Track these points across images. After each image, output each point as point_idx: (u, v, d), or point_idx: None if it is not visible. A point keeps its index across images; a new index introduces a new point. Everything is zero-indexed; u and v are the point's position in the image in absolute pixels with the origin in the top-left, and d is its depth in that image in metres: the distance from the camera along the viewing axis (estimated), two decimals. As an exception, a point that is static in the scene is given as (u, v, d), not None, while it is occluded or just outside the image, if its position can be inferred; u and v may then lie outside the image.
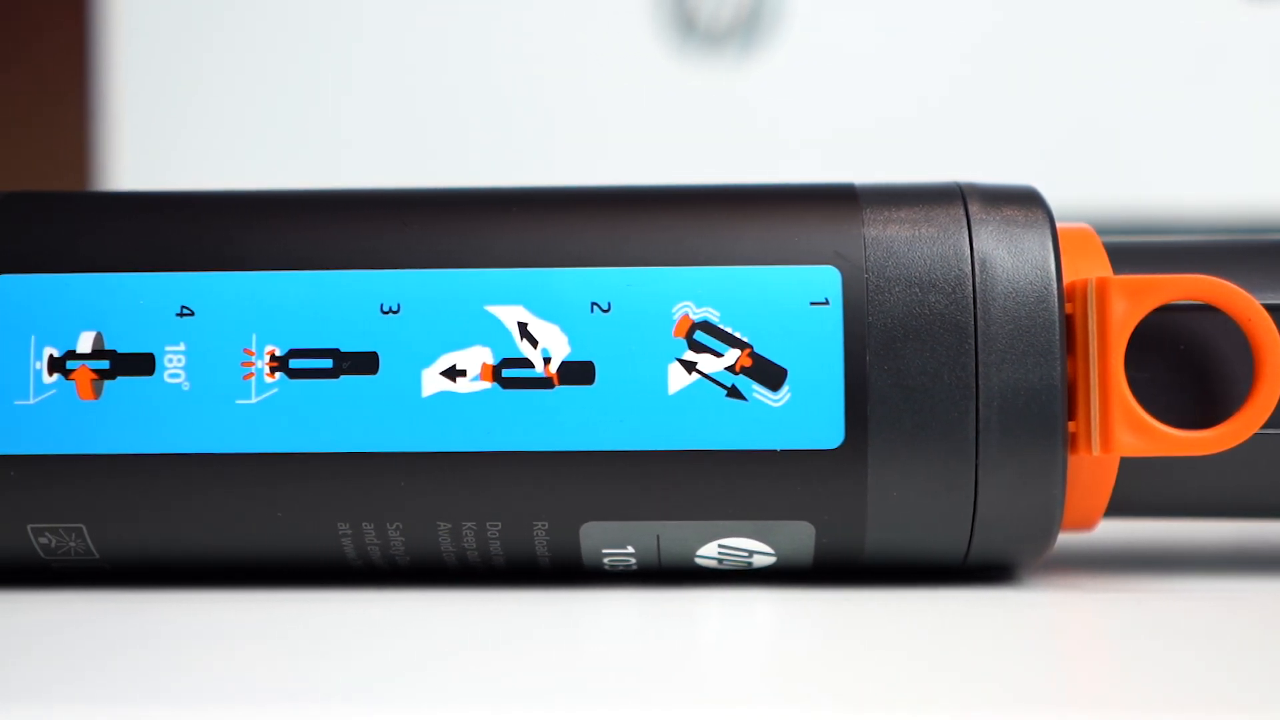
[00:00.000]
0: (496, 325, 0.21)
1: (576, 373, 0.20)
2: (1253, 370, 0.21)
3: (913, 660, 0.17)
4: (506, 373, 0.20)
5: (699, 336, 0.20)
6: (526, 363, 0.20)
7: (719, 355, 0.20)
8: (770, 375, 0.20)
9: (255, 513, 0.21)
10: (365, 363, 0.21)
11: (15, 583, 0.22)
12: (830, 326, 0.20)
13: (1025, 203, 0.21)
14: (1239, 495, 0.23)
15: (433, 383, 0.21)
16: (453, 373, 0.21)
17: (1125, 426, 0.20)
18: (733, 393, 0.20)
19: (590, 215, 0.21)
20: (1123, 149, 0.53)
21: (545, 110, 0.54)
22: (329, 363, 0.21)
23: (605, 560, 0.22)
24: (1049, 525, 0.21)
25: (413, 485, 0.21)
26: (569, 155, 0.54)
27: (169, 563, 0.22)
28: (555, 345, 0.21)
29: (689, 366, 0.20)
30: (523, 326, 0.21)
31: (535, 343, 0.21)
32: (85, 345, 0.21)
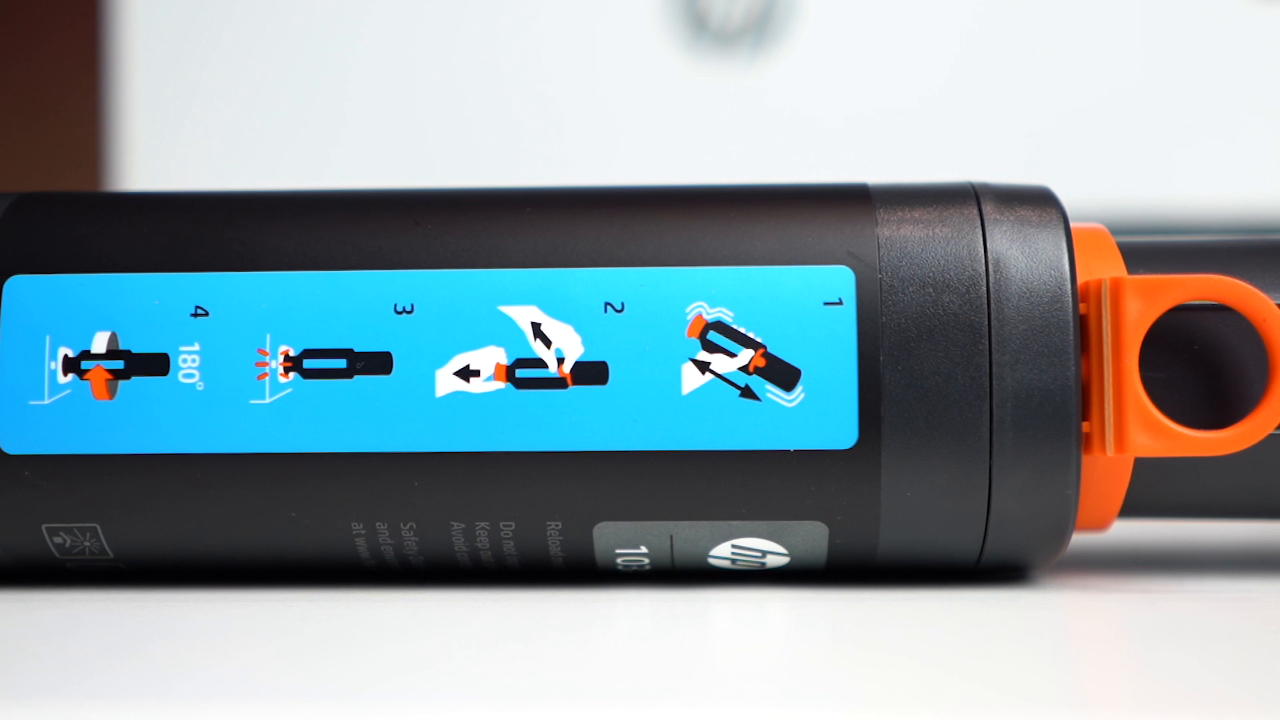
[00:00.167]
0: (510, 325, 0.21)
1: (590, 373, 0.20)
2: (1268, 370, 0.21)
3: (926, 662, 0.17)
4: (520, 373, 0.21)
5: (712, 337, 0.20)
6: (540, 363, 0.21)
7: (732, 355, 0.20)
8: (784, 375, 0.20)
9: (269, 512, 0.21)
10: (379, 363, 0.21)
11: (31, 582, 0.22)
12: (844, 327, 0.20)
13: (1039, 203, 0.21)
14: (1254, 495, 0.22)
15: (446, 383, 0.21)
16: (466, 373, 0.21)
17: (1140, 427, 0.20)
18: (746, 393, 0.20)
19: (604, 215, 0.21)
20: (1137, 148, 0.53)
21: (557, 110, 0.54)
22: (343, 363, 0.21)
23: (618, 560, 0.22)
24: (1063, 526, 0.21)
25: (426, 485, 0.21)
26: (580, 155, 0.54)
27: (183, 562, 0.22)
28: (569, 345, 0.21)
29: (702, 367, 0.20)
30: (536, 327, 0.21)
31: (549, 343, 0.21)
32: (100, 345, 0.21)
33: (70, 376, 0.21)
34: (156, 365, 0.21)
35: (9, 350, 0.21)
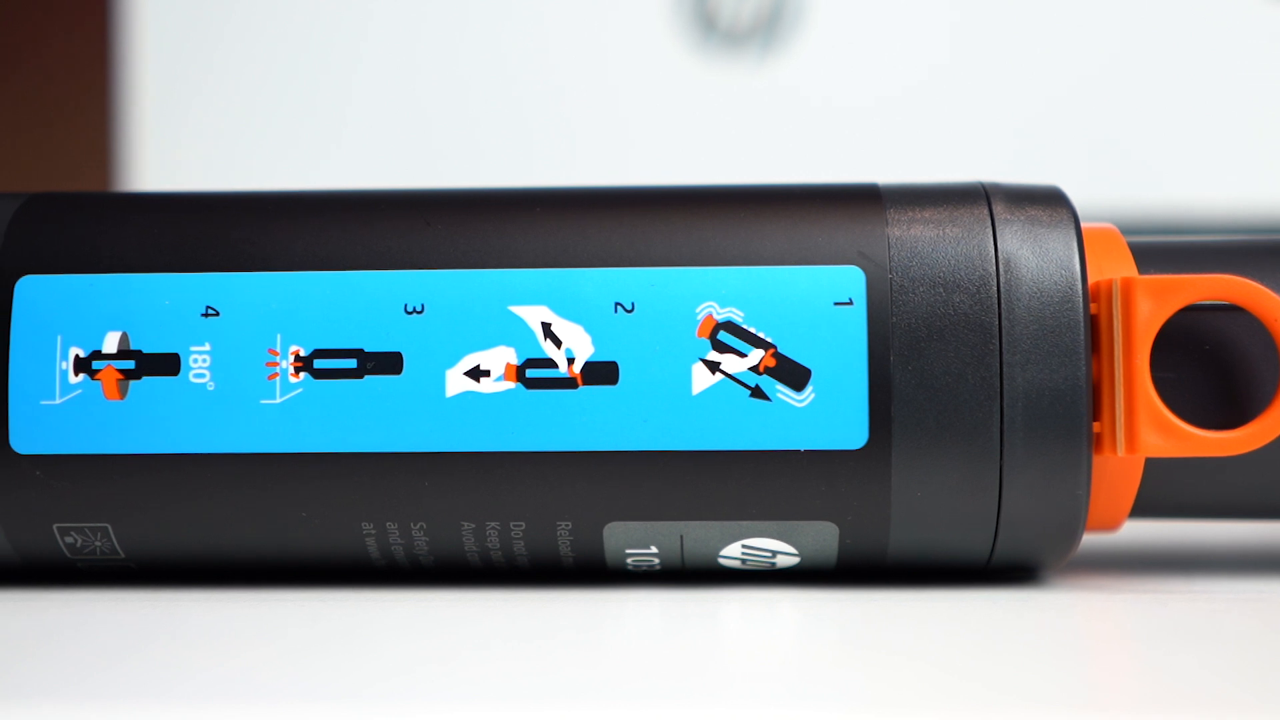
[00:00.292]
0: (520, 325, 0.21)
1: (600, 373, 0.20)
2: (1279, 370, 0.21)
3: (936, 662, 0.17)
4: (530, 373, 0.21)
5: (723, 336, 0.20)
6: (550, 363, 0.21)
7: (743, 355, 0.20)
8: (794, 375, 0.20)
9: (279, 512, 0.21)
10: (389, 363, 0.21)
11: (41, 582, 0.22)
12: (854, 327, 0.20)
13: (1049, 202, 0.21)
14: (1265, 496, 0.22)
15: (457, 383, 0.21)
16: (476, 373, 0.21)
17: (1150, 427, 0.20)
18: (756, 393, 0.20)
19: (614, 215, 0.21)
20: (1147, 148, 0.52)
21: (567, 111, 0.54)
22: (353, 363, 0.21)
23: (628, 560, 0.22)
24: (1074, 526, 0.21)
25: (436, 485, 0.21)
26: (590, 156, 0.54)
27: (193, 562, 0.22)
28: (579, 345, 0.21)
29: (713, 367, 0.20)
30: (546, 327, 0.21)
31: (559, 343, 0.21)
32: (111, 345, 0.21)
33: (81, 376, 0.21)
34: (167, 365, 0.21)
35: (20, 350, 0.21)
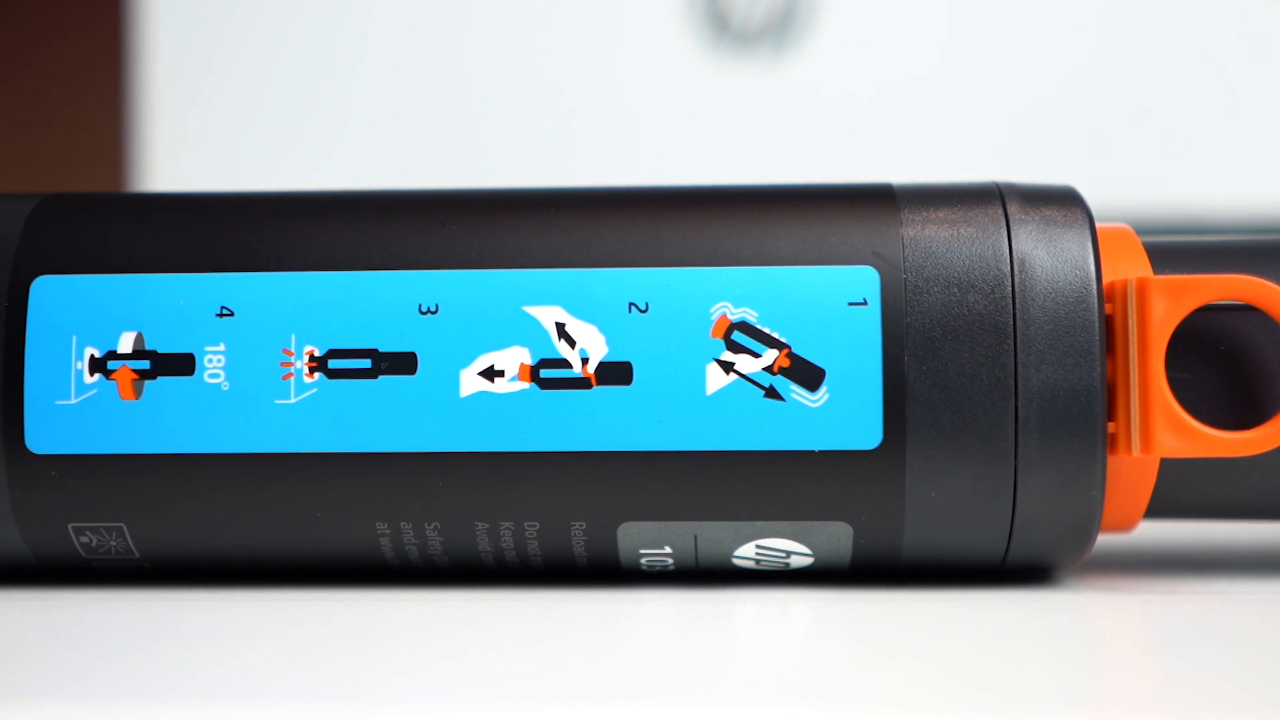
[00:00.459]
0: (534, 326, 0.21)
1: (614, 373, 0.20)
2: (1294, 371, 0.21)
3: (950, 663, 0.17)
4: (544, 373, 0.21)
5: (737, 337, 0.20)
6: (564, 363, 0.21)
7: (757, 356, 0.20)
8: (808, 376, 0.20)
9: (294, 512, 0.21)
10: (404, 363, 0.21)
11: (57, 581, 0.22)
12: (869, 327, 0.20)
13: (1064, 202, 0.21)
14: (1280, 497, 0.22)
15: (471, 383, 0.21)
16: (491, 373, 0.21)
17: (1165, 427, 0.20)
18: (771, 393, 0.20)
19: (628, 216, 0.21)
20: (1162, 148, 0.52)
21: (580, 112, 0.54)
22: (368, 363, 0.21)
23: (642, 560, 0.22)
24: (1088, 527, 0.21)
25: (451, 485, 0.21)
26: (603, 156, 0.54)
27: (208, 562, 0.22)
28: (593, 346, 0.21)
29: (727, 367, 0.20)
30: (560, 327, 0.21)
31: (573, 343, 0.21)
32: (126, 345, 0.21)
33: (96, 376, 0.21)
34: (182, 365, 0.21)
35: (36, 350, 0.21)
